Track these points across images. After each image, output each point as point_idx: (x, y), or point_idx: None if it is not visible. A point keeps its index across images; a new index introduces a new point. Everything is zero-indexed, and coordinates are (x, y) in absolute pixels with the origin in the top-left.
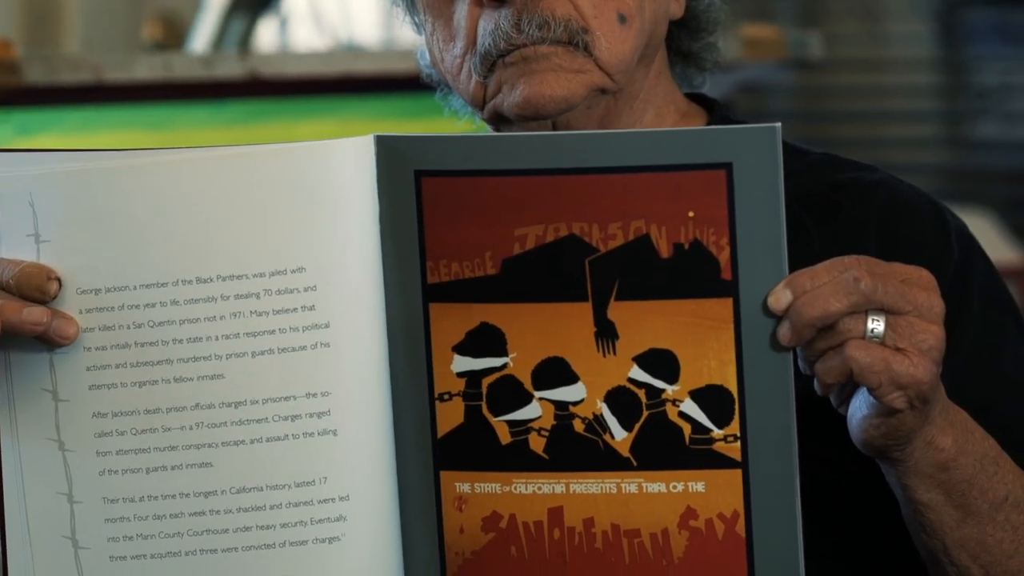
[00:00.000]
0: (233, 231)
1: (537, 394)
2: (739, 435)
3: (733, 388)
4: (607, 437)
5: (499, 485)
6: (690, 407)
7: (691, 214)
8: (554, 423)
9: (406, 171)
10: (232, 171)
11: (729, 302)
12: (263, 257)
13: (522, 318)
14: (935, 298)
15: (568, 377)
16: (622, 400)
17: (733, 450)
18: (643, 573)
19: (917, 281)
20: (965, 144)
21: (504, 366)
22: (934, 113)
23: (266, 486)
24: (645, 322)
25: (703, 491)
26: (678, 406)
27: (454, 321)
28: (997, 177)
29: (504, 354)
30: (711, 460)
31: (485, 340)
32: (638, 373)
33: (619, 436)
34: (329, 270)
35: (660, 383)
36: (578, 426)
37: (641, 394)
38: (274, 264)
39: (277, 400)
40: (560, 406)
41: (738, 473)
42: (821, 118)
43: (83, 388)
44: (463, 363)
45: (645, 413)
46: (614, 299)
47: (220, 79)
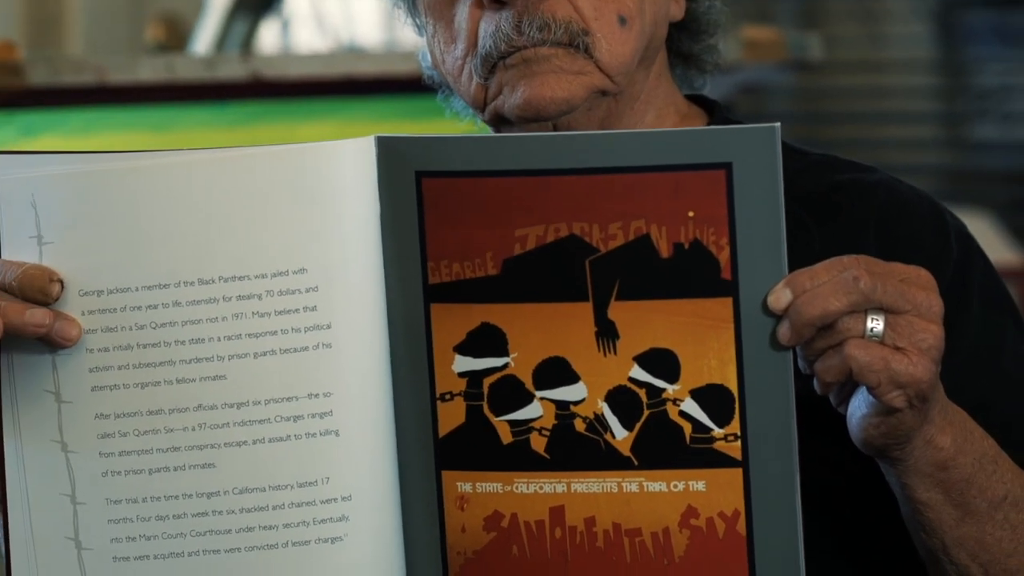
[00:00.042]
0: (235, 232)
1: (538, 394)
2: (739, 434)
3: (733, 387)
4: (608, 436)
5: (500, 484)
6: (690, 406)
7: (691, 214)
8: (555, 423)
9: (407, 172)
10: (234, 172)
11: (729, 302)
12: (265, 258)
13: (523, 318)
14: (934, 297)
15: (569, 377)
16: (623, 399)
17: (733, 449)
18: (644, 572)
19: (916, 280)
20: (964, 145)
21: (505, 366)
22: (933, 114)
23: (268, 486)
24: (645, 322)
25: (704, 490)
26: (679, 405)
27: (455, 321)
28: (996, 178)
29: (505, 354)
30: (712, 459)
31: (486, 340)
32: (639, 372)
33: (620, 435)
34: (330, 271)
35: (661, 382)
36: (579, 426)
37: (642, 393)
38: (276, 265)
39: (279, 401)
40: (561, 406)
41: (738, 472)
42: (821, 119)
43: (86, 389)
44: (464, 363)
45: (646, 412)
46: (614, 299)
47: (222, 81)
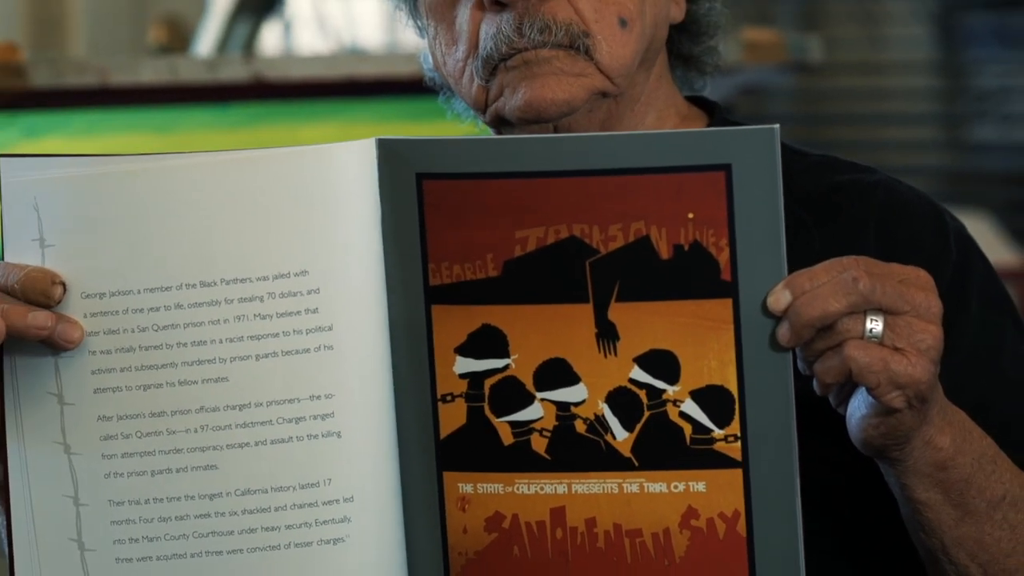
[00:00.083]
0: (236, 234)
1: (539, 395)
2: (739, 435)
3: (733, 388)
4: (608, 437)
5: (502, 485)
6: (691, 407)
7: (691, 215)
8: (556, 424)
9: (407, 174)
10: (235, 175)
11: (729, 303)
12: (266, 260)
13: (524, 319)
14: (933, 298)
15: (569, 378)
16: (623, 401)
17: (734, 450)
18: (645, 572)
19: (915, 281)
20: (964, 147)
21: (506, 367)
22: (933, 116)
23: (271, 488)
24: (646, 323)
25: (704, 491)
26: (679, 406)
27: (456, 323)
28: (995, 179)
29: (506, 355)
30: (712, 460)
31: (487, 341)
32: (639, 374)
33: (620, 436)
34: (332, 273)
35: (661, 383)
36: (580, 427)
37: (642, 395)
38: (277, 267)
39: (281, 402)
40: (562, 407)
41: (739, 473)
42: (821, 121)
43: (88, 391)
44: (465, 364)
45: (646, 413)
46: (615, 300)
47: (224, 82)
